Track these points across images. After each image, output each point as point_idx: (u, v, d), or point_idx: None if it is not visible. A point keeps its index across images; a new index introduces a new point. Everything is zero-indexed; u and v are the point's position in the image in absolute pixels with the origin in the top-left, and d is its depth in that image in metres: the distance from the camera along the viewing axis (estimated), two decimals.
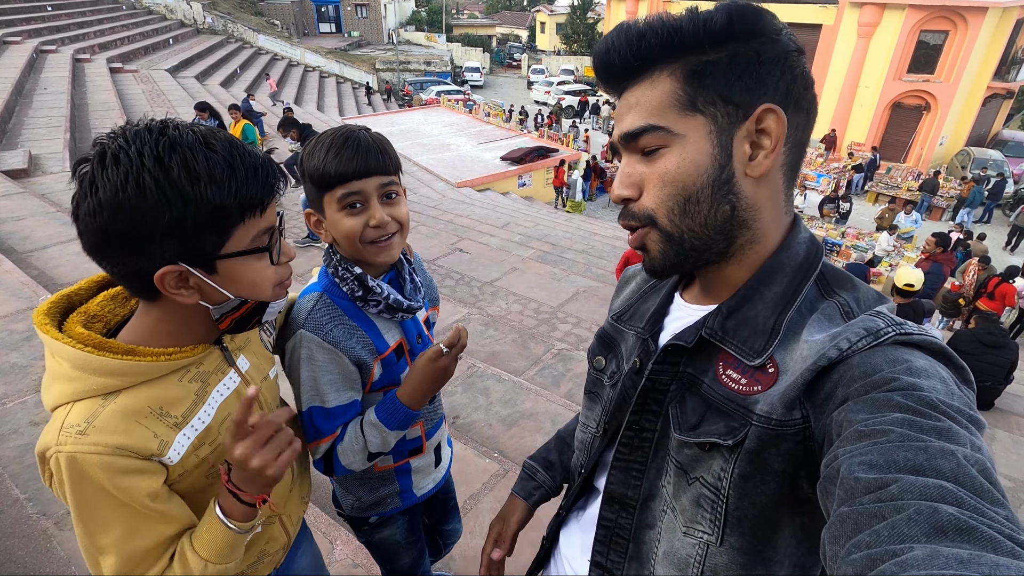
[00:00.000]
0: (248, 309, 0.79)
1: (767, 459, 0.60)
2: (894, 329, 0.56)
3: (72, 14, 18.66)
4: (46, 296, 3.33)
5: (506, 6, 57.79)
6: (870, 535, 0.41)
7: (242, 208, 0.72)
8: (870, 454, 0.46)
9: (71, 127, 8.48)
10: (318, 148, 0.98)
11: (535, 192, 14.59)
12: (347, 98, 23.36)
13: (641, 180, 0.65)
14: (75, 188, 0.70)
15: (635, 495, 0.74)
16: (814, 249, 0.68)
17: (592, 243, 8.08)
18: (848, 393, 0.54)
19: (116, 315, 0.83)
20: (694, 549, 0.67)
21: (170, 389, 0.78)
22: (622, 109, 0.66)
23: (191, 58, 18.90)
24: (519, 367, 3.65)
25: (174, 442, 0.76)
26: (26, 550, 1.80)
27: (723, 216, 0.63)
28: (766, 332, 0.63)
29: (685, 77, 0.61)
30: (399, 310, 1.08)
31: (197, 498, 0.82)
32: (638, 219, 0.67)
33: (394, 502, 1.26)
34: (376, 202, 1.00)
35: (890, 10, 17.91)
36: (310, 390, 1.02)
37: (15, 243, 4.41)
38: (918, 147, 18.93)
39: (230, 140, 0.73)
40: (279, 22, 31.86)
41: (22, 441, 2.25)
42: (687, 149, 0.62)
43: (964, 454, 0.44)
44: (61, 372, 0.72)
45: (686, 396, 0.69)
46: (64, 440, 0.68)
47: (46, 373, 0.75)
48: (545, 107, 26.35)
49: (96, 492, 0.70)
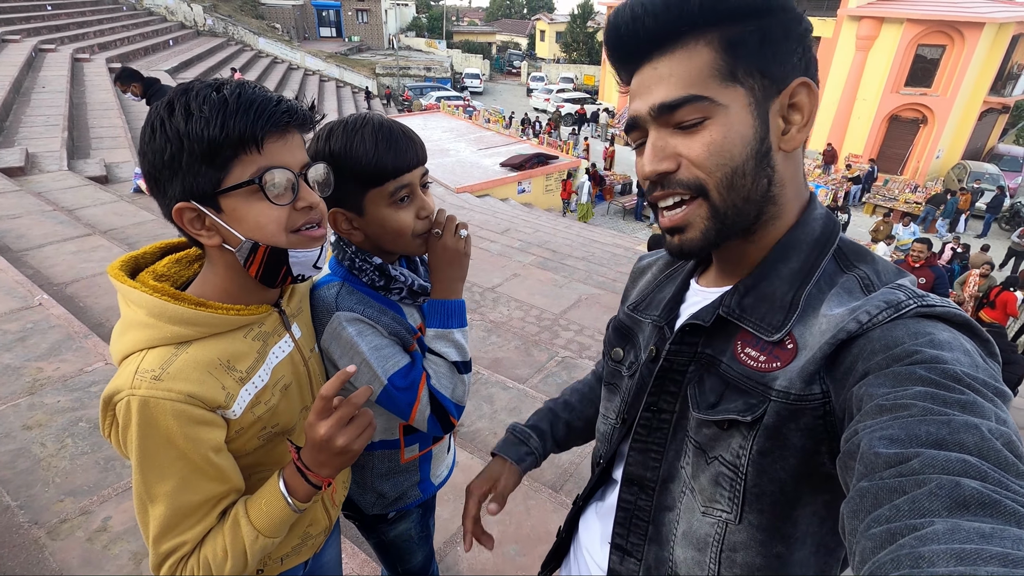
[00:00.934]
0: (267, 255, 0.77)
1: (786, 435, 0.59)
2: (915, 301, 0.55)
3: (72, 14, 18.59)
4: (42, 296, 3.27)
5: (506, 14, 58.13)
6: (890, 509, 0.40)
7: (234, 143, 0.70)
8: (891, 428, 0.45)
9: (69, 126, 8.40)
10: (358, 140, 0.92)
11: (534, 199, 14.59)
12: (347, 102, 23.34)
13: (678, 153, 0.63)
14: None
15: (654, 477, 0.74)
16: (831, 224, 0.67)
17: (592, 250, 8.05)
18: (869, 367, 0.53)
19: (181, 276, 0.86)
20: (713, 528, 0.66)
21: (236, 344, 0.80)
22: (648, 81, 0.63)
23: (191, 60, 18.84)
24: (523, 374, 3.60)
25: (238, 396, 0.78)
26: (16, 560, 1.73)
27: (761, 190, 0.63)
28: (784, 307, 0.63)
29: (725, 47, 0.59)
30: (421, 294, 1.05)
31: (245, 460, 0.84)
32: (687, 187, 0.63)
33: (415, 494, 1.22)
34: (421, 192, 0.98)
35: (888, 24, 18.08)
36: (378, 359, 0.96)
37: (10, 241, 4.33)
38: (915, 160, 19.06)
39: (242, 83, 0.74)
40: (280, 25, 31.89)
41: (14, 446, 2.18)
42: (731, 120, 0.60)
43: (989, 427, 0.43)
44: (137, 320, 0.75)
45: (704, 376, 0.68)
46: (138, 384, 0.70)
47: (119, 322, 0.78)
48: (544, 114, 26.43)
49: (161, 439, 0.71)
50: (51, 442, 2.22)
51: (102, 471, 2.10)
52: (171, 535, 0.74)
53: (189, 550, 0.75)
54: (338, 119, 0.97)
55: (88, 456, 2.16)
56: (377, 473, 1.16)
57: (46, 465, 2.10)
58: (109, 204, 5.73)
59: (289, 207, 0.76)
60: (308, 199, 0.78)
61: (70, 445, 2.21)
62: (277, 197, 0.74)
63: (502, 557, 2.01)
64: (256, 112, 0.71)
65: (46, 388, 2.52)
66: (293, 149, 0.77)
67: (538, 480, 2.41)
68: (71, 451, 2.18)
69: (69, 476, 2.07)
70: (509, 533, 2.10)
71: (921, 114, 18.58)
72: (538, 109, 28.00)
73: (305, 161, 0.79)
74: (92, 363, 2.71)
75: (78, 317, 3.17)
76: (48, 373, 2.62)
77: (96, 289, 3.73)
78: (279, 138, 0.74)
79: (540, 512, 2.20)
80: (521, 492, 2.30)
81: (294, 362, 0.91)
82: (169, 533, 0.74)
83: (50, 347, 2.81)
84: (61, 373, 2.63)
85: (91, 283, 3.80)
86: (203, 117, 0.69)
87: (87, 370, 2.66)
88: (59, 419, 2.34)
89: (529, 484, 2.35)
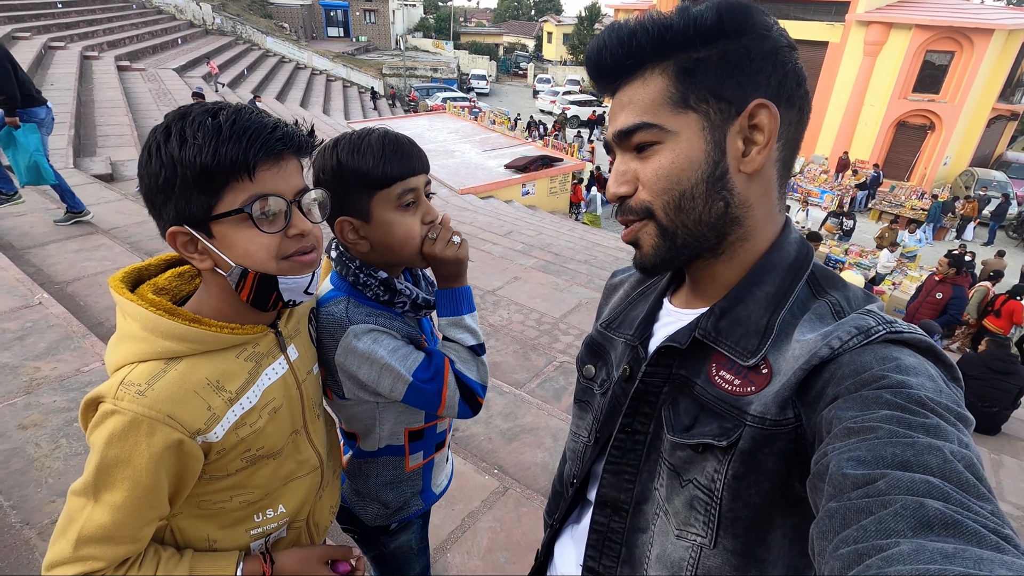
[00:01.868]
0: (256, 281, 0.78)
1: (761, 459, 0.60)
2: (884, 327, 0.57)
3: (82, 11, 18.74)
4: (42, 295, 3.28)
5: (514, 15, 58.20)
6: (857, 530, 0.41)
7: (226, 170, 0.71)
8: (858, 450, 0.46)
9: (76, 124, 8.46)
10: (365, 147, 0.95)
11: (538, 201, 14.57)
12: (353, 102, 23.43)
13: (635, 177, 0.66)
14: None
15: (627, 499, 0.74)
16: (804, 249, 0.69)
17: (595, 253, 8.04)
18: (838, 391, 0.54)
19: (181, 291, 0.87)
20: (687, 552, 0.66)
21: (227, 363, 0.80)
22: (615, 108, 0.67)
23: (199, 58, 18.97)
24: (520, 379, 3.59)
25: (223, 417, 0.78)
26: (6, 560, 1.74)
27: (717, 213, 0.64)
28: (759, 332, 0.64)
29: (676, 75, 0.62)
30: (425, 307, 1.08)
31: (226, 481, 0.84)
32: (636, 213, 0.67)
33: (417, 503, 1.22)
34: (425, 199, 1.01)
35: (896, 29, 17.98)
36: (398, 359, 0.98)
37: (13, 239, 4.36)
38: (922, 166, 18.94)
39: (239, 108, 0.74)
40: (288, 25, 32.03)
41: (8, 445, 2.19)
42: (680, 146, 0.62)
43: (951, 450, 0.44)
44: (131, 332, 0.76)
45: (679, 398, 0.69)
46: (121, 396, 0.71)
47: (115, 333, 0.79)
48: (550, 116, 26.42)
49: (127, 454, 0.71)
50: (45, 442, 2.22)
51: None
52: (97, 545, 0.73)
53: (103, 568, 0.73)
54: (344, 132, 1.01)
55: (81, 457, 2.17)
56: (381, 482, 1.16)
57: (39, 465, 2.11)
58: (113, 203, 5.77)
59: (280, 234, 0.77)
60: (300, 226, 0.78)
61: (64, 446, 2.22)
62: (267, 225, 0.75)
63: (492, 564, 2.00)
64: (249, 140, 0.71)
65: (43, 388, 2.53)
66: (287, 176, 0.77)
67: (531, 487, 2.40)
68: (65, 451, 2.19)
69: (62, 477, 2.07)
70: (500, 540, 2.10)
71: (929, 120, 18.47)
72: (544, 111, 28.00)
73: (300, 187, 0.79)
74: (89, 363, 2.72)
75: (77, 316, 3.18)
76: (45, 372, 2.63)
77: (96, 288, 3.74)
78: (272, 165, 0.75)
79: (531, 519, 2.19)
80: (513, 499, 2.30)
81: (287, 385, 0.90)
82: (97, 544, 0.72)
83: (48, 346, 2.83)
84: (58, 373, 2.64)
85: (91, 282, 3.82)
86: (196, 144, 0.70)
87: (84, 370, 2.67)
88: (54, 419, 2.35)
89: (521, 491, 2.34)
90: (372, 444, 1.12)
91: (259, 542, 0.93)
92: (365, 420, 1.09)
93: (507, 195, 13.90)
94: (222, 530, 0.88)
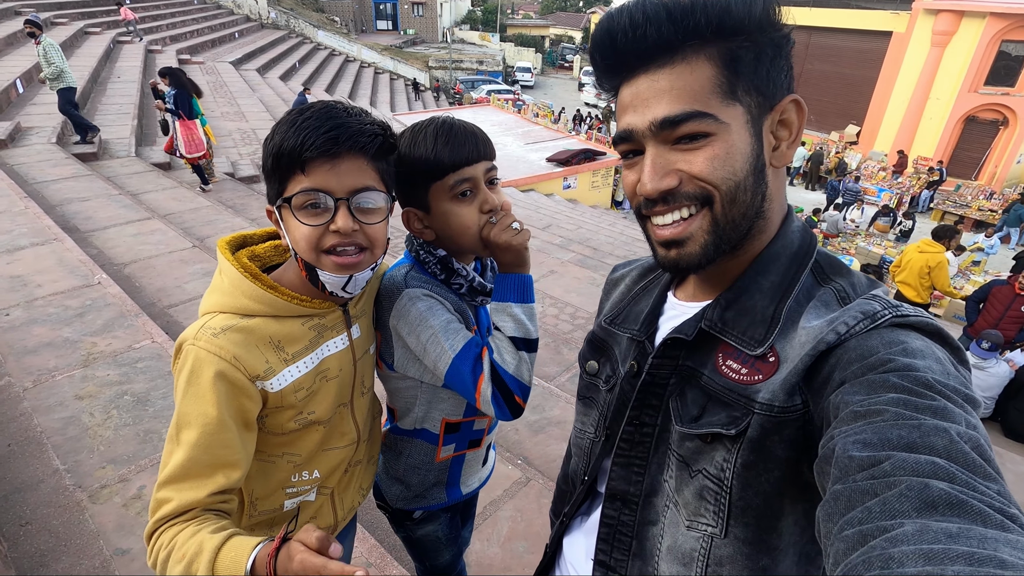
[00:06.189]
0: (304, 265, 0.87)
1: (770, 447, 0.59)
2: (890, 311, 0.56)
3: (148, 7, 19.68)
4: (101, 275, 3.49)
5: (561, 7, 57.64)
6: (862, 512, 0.41)
7: (288, 162, 0.81)
8: (865, 433, 0.46)
9: (139, 114, 8.92)
10: (420, 138, 0.96)
11: (579, 195, 14.45)
12: (399, 95, 23.78)
13: (678, 169, 0.61)
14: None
15: (637, 491, 0.73)
16: (808, 237, 0.68)
17: (634, 249, 7.92)
18: (845, 376, 0.54)
19: (273, 260, 0.99)
20: (698, 542, 0.66)
21: (292, 328, 0.91)
22: (645, 93, 0.61)
23: (253, 52, 19.62)
24: (550, 372, 3.60)
25: (279, 374, 0.88)
26: (60, 520, 1.87)
27: (756, 207, 0.63)
28: (766, 321, 0.63)
29: (725, 63, 0.59)
30: (481, 293, 1.08)
31: (279, 439, 0.94)
32: (694, 198, 0.62)
33: (439, 496, 1.23)
34: (485, 187, 0.99)
35: (969, 18, 16.85)
36: (447, 333, 0.97)
37: (79, 223, 4.65)
38: (992, 164, 17.74)
39: (327, 104, 0.84)
40: (339, 18, 32.73)
41: (66, 413, 2.35)
42: (732, 137, 0.60)
43: (958, 431, 0.44)
44: (221, 286, 0.88)
45: (686, 389, 0.68)
46: (200, 336, 0.82)
47: (211, 284, 0.91)
48: (595, 109, 26.12)
49: (201, 389, 0.80)
50: (99, 412, 2.38)
51: (141, 443, 2.24)
52: (173, 485, 0.78)
53: (172, 511, 0.77)
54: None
55: (130, 428, 2.31)
56: (409, 464, 1.19)
57: (92, 434, 2.26)
58: (170, 190, 6.06)
59: (322, 227, 0.83)
60: (340, 224, 0.82)
61: (115, 416, 2.36)
62: (307, 216, 0.82)
63: (510, 552, 2.03)
64: (305, 136, 0.79)
65: (98, 362, 2.70)
66: (342, 174, 0.82)
67: (553, 479, 2.40)
68: (115, 422, 2.33)
69: (112, 445, 2.21)
70: (519, 530, 2.12)
71: (1001, 115, 17.26)
72: (589, 104, 27.68)
73: (356, 187, 0.83)
74: (140, 340, 2.89)
75: (132, 297, 3.37)
76: (101, 348, 2.81)
77: (150, 271, 3.96)
78: (326, 162, 0.80)
79: None
80: (535, 490, 2.31)
81: (343, 359, 0.99)
82: (174, 483, 0.78)
83: (104, 324, 3.01)
84: (112, 348, 2.81)
85: (146, 264, 4.04)
86: (277, 136, 0.82)
87: (135, 347, 2.83)
88: (107, 391, 2.51)
89: (544, 483, 2.35)
90: (408, 423, 1.14)
91: (292, 501, 1.00)
92: (406, 397, 1.12)
93: (548, 188, 13.83)
94: (264, 488, 0.97)
